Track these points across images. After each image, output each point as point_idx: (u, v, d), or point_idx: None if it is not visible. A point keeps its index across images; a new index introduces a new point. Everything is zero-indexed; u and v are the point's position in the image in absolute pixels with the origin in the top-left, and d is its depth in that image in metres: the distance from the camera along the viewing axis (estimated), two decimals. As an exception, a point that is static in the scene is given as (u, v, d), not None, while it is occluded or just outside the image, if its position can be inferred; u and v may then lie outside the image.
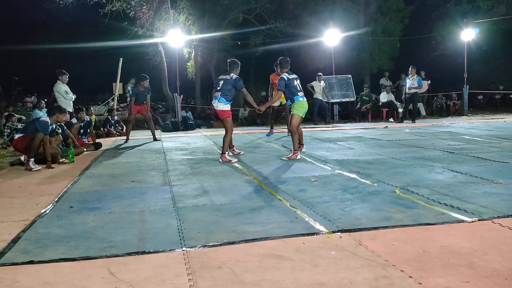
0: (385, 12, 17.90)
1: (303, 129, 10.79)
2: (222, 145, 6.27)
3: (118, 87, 12.40)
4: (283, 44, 17.82)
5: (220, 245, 2.67)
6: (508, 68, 19.60)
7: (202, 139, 9.49)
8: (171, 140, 9.35)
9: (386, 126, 11.48)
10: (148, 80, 9.30)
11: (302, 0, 17.51)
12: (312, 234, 2.83)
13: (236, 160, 6.03)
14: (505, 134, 8.41)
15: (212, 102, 6.35)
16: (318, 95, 13.50)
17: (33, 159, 5.85)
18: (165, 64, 15.83)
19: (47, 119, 6.15)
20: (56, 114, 6.28)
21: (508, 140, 7.43)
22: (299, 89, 6.35)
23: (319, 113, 13.89)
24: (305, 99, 6.40)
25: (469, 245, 2.53)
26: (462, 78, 15.50)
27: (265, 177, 4.80)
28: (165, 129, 11.91)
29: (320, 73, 13.95)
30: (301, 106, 6.28)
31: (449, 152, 6.23)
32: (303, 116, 6.43)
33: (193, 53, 17.04)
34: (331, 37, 15.33)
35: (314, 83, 13.59)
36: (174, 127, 11.96)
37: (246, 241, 2.72)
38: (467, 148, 6.60)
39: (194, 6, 16.46)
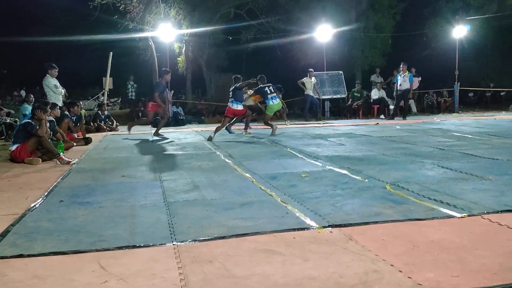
0: (377, 8, 17.94)
1: (294, 126, 10.84)
2: (216, 130, 8.27)
3: (108, 82, 12.28)
4: (274, 39, 17.79)
5: (211, 239, 2.67)
6: (499, 65, 19.80)
7: (193, 134, 9.45)
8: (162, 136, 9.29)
9: (377, 123, 11.54)
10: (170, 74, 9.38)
11: (294, -5, 17.48)
12: (303, 229, 2.84)
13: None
14: (495, 131, 8.50)
15: (231, 105, 8.67)
16: (309, 91, 13.52)
17: (61, 153, 5.94)
18: (156, 59, 15.71)
19: (30, 120, 6.08)
20: (41, 113, 6.12)
21: (498, 137, 7.51)
22: (268, 92, 8.74)
23: (310, 109, 13.92)
24: (275, 101, 8.80)
25: (459, 240, 2.55)
26: (453, 75, 15.62)
27: (256, 172, 4.79)
28: (156, 125, 11.82)
29: (311, 69, 13.95)
30: (270, 107, 8.87)
31: (440, 148, 6.28)
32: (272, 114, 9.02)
33: (184, 48, 16.93)
34: (323, 33, 15.34)
35: (305, 79, 13.60)
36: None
37: (237, 235, 2.72)
38: (458, 144, 6.66)
39: (185, 0, 16.33)
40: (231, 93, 8.65)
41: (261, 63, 19.86)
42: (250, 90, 9.66)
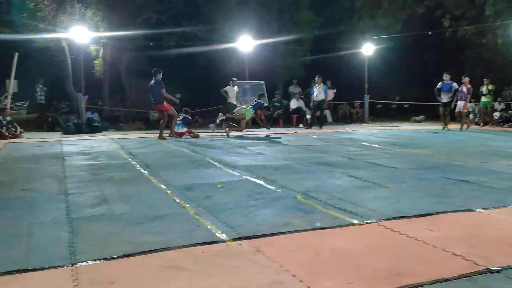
0: (297, 22, 18.72)
1: (216, 134, 10.88)
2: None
3: (12, 84, 11.27)
4: (198, 47, 17.71)
5: (115, 258, 2.55)
6: (403, 80, 21.69)
7: (108, 142, 9.02)
8: (73, 144, 8.74)
9: (296, 132, 11.98)
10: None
11: (218, 5, 17.58)
12: (213, 242, 2.83)
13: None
14: (398, 141, 9.26)
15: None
16: (232, 100, 13.63)
17: None
18: (69, 62, 14.78)
19: None
20: None
21: (399, 147, 8.19)
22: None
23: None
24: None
25: (357, 247, 2.72)
26: (364, 88, 16.81)
27: (171, 183, 4.70)
28: (67, 132, 11.09)
29: (234, 78, 14.09)
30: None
31: (349, 158, 6.68)
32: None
33: (102, 51, 16.15)
34: (246, 43, 15.60)
35: (227, 88, 13.69)
36: (77, 129, 11.20)
37: (143, 252, 2.63)
38: (365, 154, 7.14)
39: (103, 1, 15.61)
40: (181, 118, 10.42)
41: (184, 70, 19.60)
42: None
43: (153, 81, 9.76)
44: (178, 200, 3.96)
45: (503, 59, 16.80)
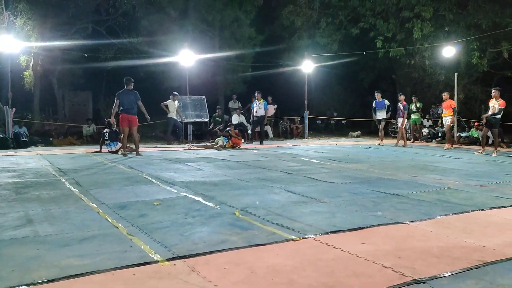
0: (238, 38, 18.97)
1: (155, 149, 10.59)
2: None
3: None
4: (137, 60, 17.28)
5: (37, 284, 2.36)
6: (341, 97, 22.72)
7: (36, 159, 8.44)
8: (-3, 160, 8.08)
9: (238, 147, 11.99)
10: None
11: (158, 17, 17.34)
12: (145, 263, 2.71)
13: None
14: (335, 156, 9.59)
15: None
16: (173, 114, 13.46)
17: None
18: (-4, 72, 13.77)
19: None
20: None
21: (336, 161, 8.48)
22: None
23: (173, 132, 13.84)
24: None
25: (292, 262, 2.74)
26: (304, 104, 17.33)
27: (104, 202, 4.47)
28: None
29: (175, 92, 13.94)
30: None
31: (288, 173, 6.79)
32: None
33: (32, 62, 15.23)
34: (186, 57, 15.48)
35: (168, 102, 13.51)
36: (3, 145, 10.38)
37: (69, 277, 2.46)
38: (303, 169, 7.30)
39: (34, 10, 14.76)
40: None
41: (122, 83, 19.04)
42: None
43: (124, 90, 9.41)
44: (110, 220, 3.77)
45: (430, 79, 18.14)
